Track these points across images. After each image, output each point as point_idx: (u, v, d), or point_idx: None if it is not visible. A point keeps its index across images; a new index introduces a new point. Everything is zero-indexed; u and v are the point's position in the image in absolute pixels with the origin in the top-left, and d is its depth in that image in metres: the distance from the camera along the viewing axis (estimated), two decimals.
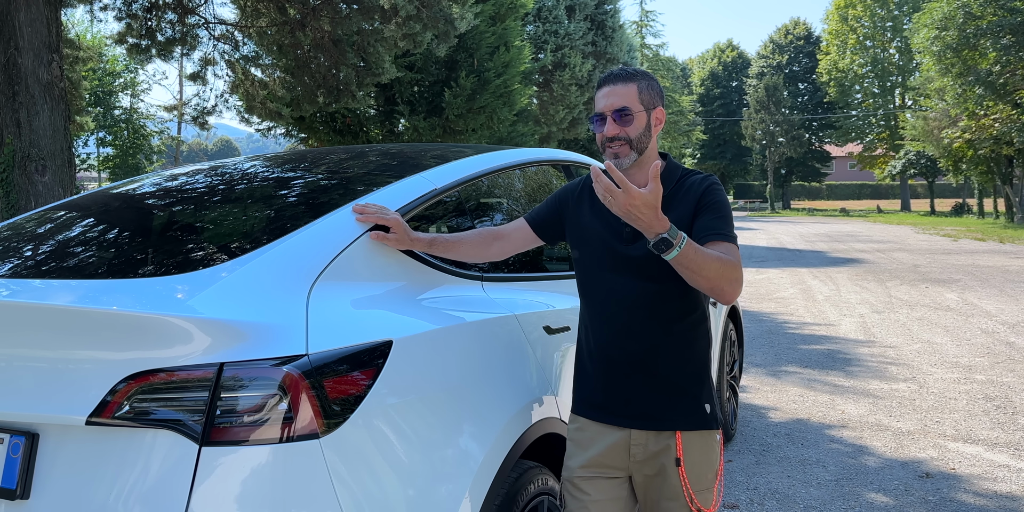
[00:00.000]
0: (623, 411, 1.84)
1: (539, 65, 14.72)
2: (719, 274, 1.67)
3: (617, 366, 1.85)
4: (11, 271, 1.79)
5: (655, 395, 1.83)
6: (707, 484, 1.84)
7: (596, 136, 1.87)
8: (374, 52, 7.72)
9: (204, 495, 1.34)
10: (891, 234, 23.49)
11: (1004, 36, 22.96)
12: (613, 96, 1.84)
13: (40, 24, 5.54)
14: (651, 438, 1.83)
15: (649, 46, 42.20)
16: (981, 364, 6.00)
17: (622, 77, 1.86)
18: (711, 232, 1.77)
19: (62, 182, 5.64)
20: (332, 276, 1.66)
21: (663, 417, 1.82)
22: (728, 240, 1.77)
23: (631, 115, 1.82)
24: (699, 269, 1.65)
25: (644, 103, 1.85)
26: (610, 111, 1.83)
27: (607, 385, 1.86)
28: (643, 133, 1.84)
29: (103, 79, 27.43)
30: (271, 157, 2.69)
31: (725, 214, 1.81)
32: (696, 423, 1.83)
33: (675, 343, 1.83)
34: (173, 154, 33.58)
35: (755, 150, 51.10)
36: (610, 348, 1.86)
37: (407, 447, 1.58)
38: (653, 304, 1.82)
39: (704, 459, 1.84)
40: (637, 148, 1.84)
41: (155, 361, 1.39)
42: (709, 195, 1.83)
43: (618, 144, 1.83)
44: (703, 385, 1.87)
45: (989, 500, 3.37)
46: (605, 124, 1.84)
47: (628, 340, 1.83)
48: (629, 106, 1.83)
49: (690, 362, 1.85)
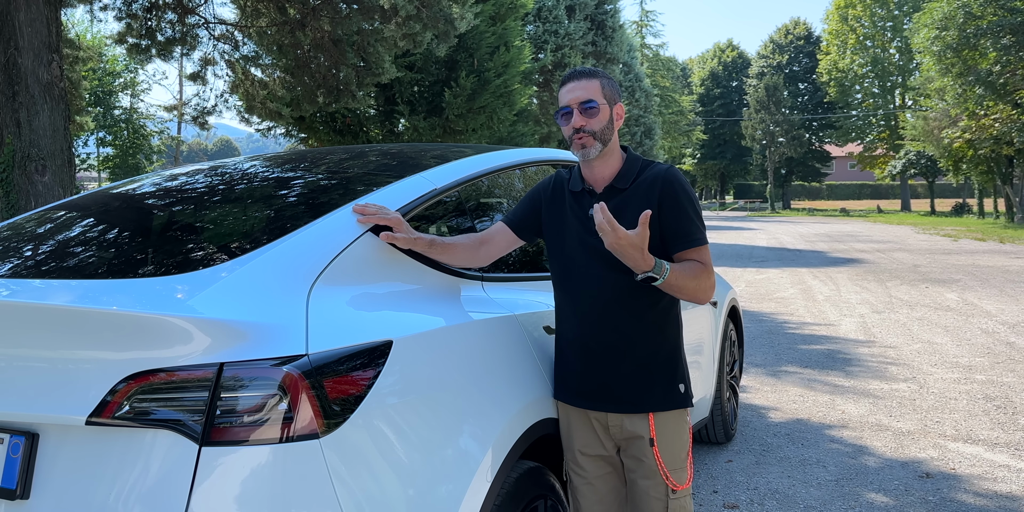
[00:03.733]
0: (599, 396, 1.95)
1: (539, 65, 14.72)
2: (696, 287, 1.84)
3: (593, 354, 1.95)
4: (11, 271, 1.79)
5: (630, 381, 1.93)
6: (680, 463, 1.95)
7: (563, 129, 1.98)
8: (374, 52, 7.72)
9: (204, 495, 1.34)
10: (891, 234, 23.48)
11: (1004, 36, 22.95)
12: (578, 90, 1.93)
13: (40, 24, 5.54)
14: (625, 419, 1.94)
15: (649, 46, 42.21)
16: (981, 364, 6.00)
17: (585, 74, 1.96)
18: (682, 239, 1.88)
19: (62, 182, 5.64)
20: (332, 276, 1.66)
21: (638, 401, 1.93)
22: (699, 244, 1.88)
23: (596, 107, 1.92)
24: (680, 289, 1.83)
25: (607, 97, 1.96)
26: (576, 104, 1.92)
27: (584, 372, 1.97)
28: (607, 126, 1.94)
29: (103, 79, 27.44)
30: (271, 157, 2.69)
31: (691, 212, 1.89)
32: (669, 404, 1.94)
33: (647, 330, 1.93)
34: (173, 154, 33.58)
35: (755, 150, 51.09)
36: (586, 337, 1.95)
37: (407, 447, 1.58)
38: (625, 294, 1.91)
39: (676, 438, 1.95)
40: (602, 139, 1.93)
41: (155, 361, 1.39)
42: (670, 190, 1.90)
43: (584, 136, 1.92)
44: (676, 367, 1.98)
45: (989, 500, 3.37)
46: (572, 117, 1.93)
47: (602, 329, 1.93)
48: (594, 99, 1.93)
49: (662, 347, 1.95)
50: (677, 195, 1.89)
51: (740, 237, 23.68)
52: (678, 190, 1.90)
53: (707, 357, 3.65)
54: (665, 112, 37.60)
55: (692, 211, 1.90)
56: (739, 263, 15.11)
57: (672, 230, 1.89)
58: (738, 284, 11.71)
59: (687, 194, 1.91)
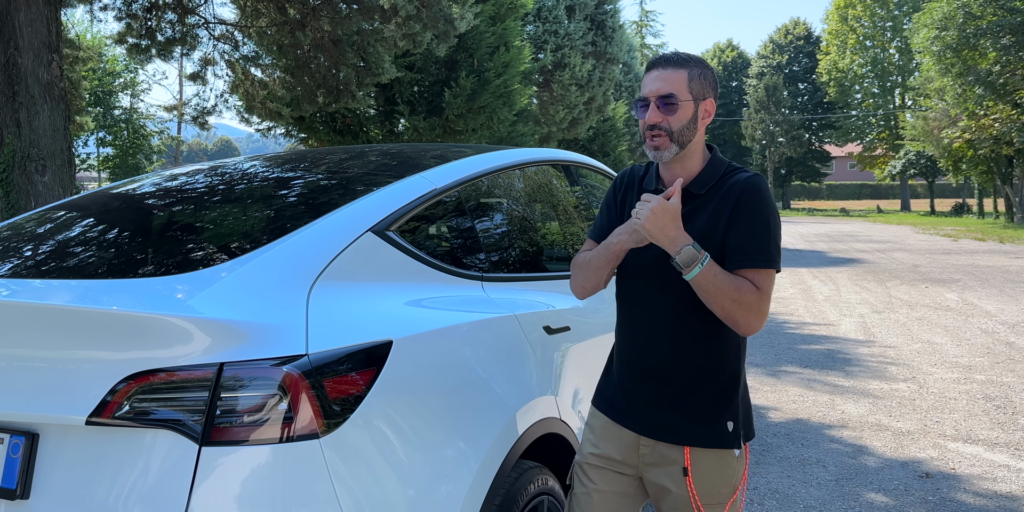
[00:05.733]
0: (637, 417, 1.78)
1: (539, 65, 14.71)
2: (736, 303, 1.59)
3: (637, 374, 1.78)
4: (11, 271, 1.79)
5: (670, 408, 1.74)
6: (720, 499, 1.73)
7: (639, 123, 1.75)
8: (374, 52, 7.72)
9: (204, 495, 1.34)
10: (891, 234, 23.48)
11: (1004, 36, 22.95)
12: (660, 81, 1.69)
13: (40, 24, 5.54)
14: (659, 443, 1.76)
15: (649, 46, 42.24)
16: (981, 364, 6.00)
17: (673, 62, 1.71)
18: (742, 257, 1.64)
19: (62, 182, 5.64)
20: (332, 276, 1.66)
21: (676, 431, 1.73)
22: (760, 266, 1.64)
23: (676, 104, 1.69)
24: (716, 294, 1.59)
25: (693, 92, 1.71)
26: (655, 97, 1.69)
27: (626, 391, 1.80)
28: (687, 125, 1.71)
29: (103, 79, 27.43)
30: (271, 157, 2.69)
31: (762, 230, 1.66)
32: (710, 441, 1.72)
33: (698, 357, 1.72)
34: (173, 154, 33.58)
35: (755, 150, 51.09)
36: (632, 355, 1.79)
37: (407, 447, 1.58)
38: (677, 314, 1.72)
39: (718, 473, 1.73)
40: (679, 141, 1.70)
41: (155, 361, 1.39)
42: (747, 201, 1.67)
43: (658, 134, 1.70)
44: (728, 403, 1.74)
45: (989, 500, 3.37)
46: (648, 110, 1.70)
47: (649, 349, 1.76)
48: (676, 93, 1.69)
49: (715, 378, 1.73)
50: (754, 207, 1.66)
51: None
52: (756, 202, 1.66)
53: None
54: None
55: (765, 229, 1.65)
56: None
57: (736, 245, 1.65)
58: None
59: (765, 209, 1.66)
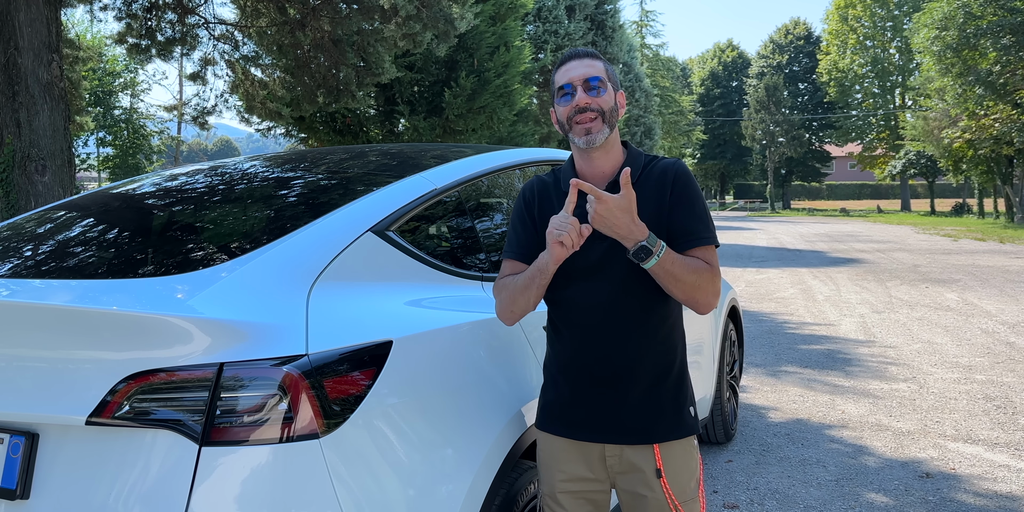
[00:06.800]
0: (600, 426, 1.71)
1: (539, 65, 14.71)
2: (695, 285, 1.62)
3: (594, 378, 1.71)
4: (11, 271, 1.79)
5: (639, 408, 1.70)
6: (691, 494, 1.73)
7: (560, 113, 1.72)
8: (374, 52, 7.72)
9: (204, 495, 1.34)
10: (891, 234, 23.48)
11: (1004, 36, 22.95)
12: (584, 67, 1.70)
13: (40, 24, 5.54)
14: (627, 449, 1.71)
15: (649, 46, 42.19)
16: (981, 364, 6.00)
17: (589, 54, 1.75)
18: (692, 237, 1.68)
19: (62, 182, 5.64)
20: (332, 276, 1.66)
21: (645, 430, 1.70)
22: (707, 242, 1.68)
23: (605, 85, 1.70)
24: (676, 279, 1.60)
25: (611, 81, 1.74)
26: (580, 81, 1.69)
27: (581, 399, 1.73)
28: (614, 108, 1.72)
29: (103, 79, 27.44)
30: (271, 157, 2.69)
31: (700, 209, 1.70)
32: (679, 432, 1.72)
33: (657, 349, 1.72)
34: (173, 154, 33.57)
35: (755, 150, 51.12)
36: (593, 363, 1.71)
37: (407, 447, 1.58)
38: (631, 314, 1.70)
39: (685, 467, 1.73)
40: (609, 122, 1.70)
41: (155, 361, 1.39)
42: (680, 185, 1.71)
43: (590, 116, 1.68)
44: (686, 389, 1.77)
45: (989, 500, 3.37)
46: (576, 95, 1.69)
47: (606, 348, 1.70)
48: (601, 76, 1.70)
49: (672, 367, 1.74)
50: (690, 190, 1.70)
51: (740, 237, 23.67)
52: (691, 185, 1.71)
53: (707, 357, 3.65)
54: (665, 112, 37.58)
55: (702, 208, 1.71)
56: (739, 263, 15.11)
57: (680, 227, 1.68)
58: (738, 284, 11.71)
59: (698, 190, 1.72)
